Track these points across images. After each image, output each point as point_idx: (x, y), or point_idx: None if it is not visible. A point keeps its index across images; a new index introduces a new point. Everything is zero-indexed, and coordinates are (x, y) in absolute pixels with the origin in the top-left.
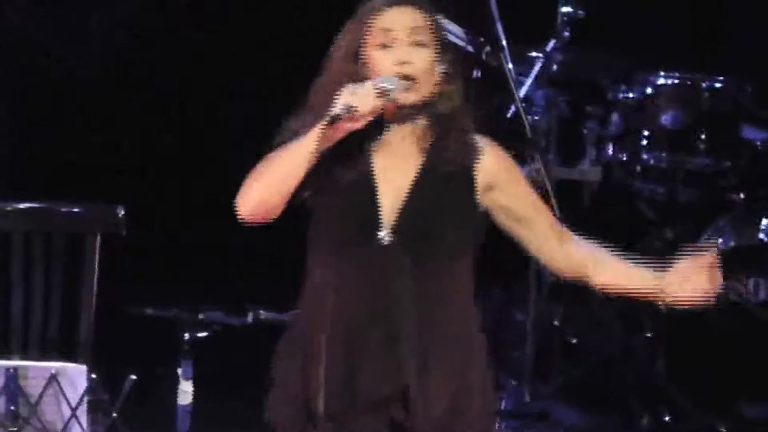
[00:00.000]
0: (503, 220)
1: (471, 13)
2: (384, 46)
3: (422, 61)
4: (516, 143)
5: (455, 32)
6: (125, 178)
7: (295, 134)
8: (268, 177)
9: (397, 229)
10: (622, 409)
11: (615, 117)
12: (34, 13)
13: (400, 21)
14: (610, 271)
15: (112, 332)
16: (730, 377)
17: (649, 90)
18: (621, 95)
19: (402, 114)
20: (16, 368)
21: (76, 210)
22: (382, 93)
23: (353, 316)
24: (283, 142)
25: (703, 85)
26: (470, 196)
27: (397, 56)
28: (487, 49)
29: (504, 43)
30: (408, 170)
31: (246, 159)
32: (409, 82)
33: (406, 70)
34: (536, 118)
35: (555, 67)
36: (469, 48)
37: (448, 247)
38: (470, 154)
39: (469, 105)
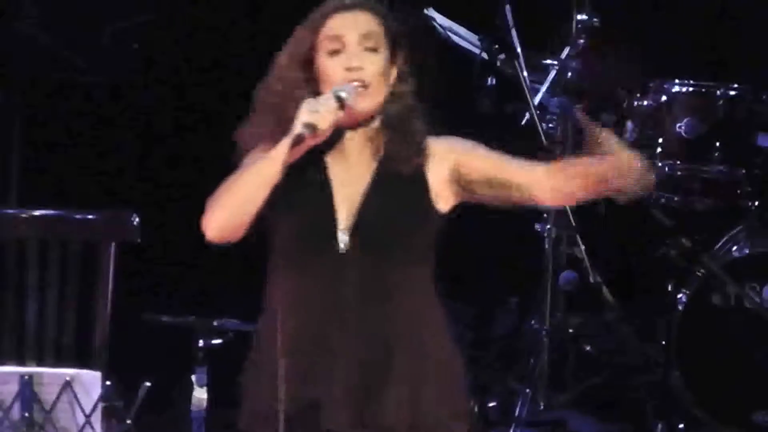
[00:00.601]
0: (488, 193)
1: (486, 21)
2: (335, 53)
3: (374, 66)
4: (531, 150)
5: (471, 40)
6: (141, 185)
7: (249, 144)
8: (234, 199)
9: (353, 235)
10: (638, 417)
11: (630, 125)
12: (46, 23)
13: (350, 26)
14: (585, 160)
15: (127, 339)
16: (744, 385)
17: (664, 98)
18: (636, 103)
19: (355, 119)
20: (30, 375)
21: (91, 217)
22: (339, 102)
23: (312, 326)
24: (244, 151)
25: (718, 92)
26: (424, 197)
27: (349, 62)
28: (502, 56)
29: (519, 50)
30: (362, 175)
31: None
32: (362, 89)
33: (359, 75)
34: (551, 125)
35: (570, 74)
36: (484, 55)
37: (405, 252)
38: (421, 155)
39: (421, 105)
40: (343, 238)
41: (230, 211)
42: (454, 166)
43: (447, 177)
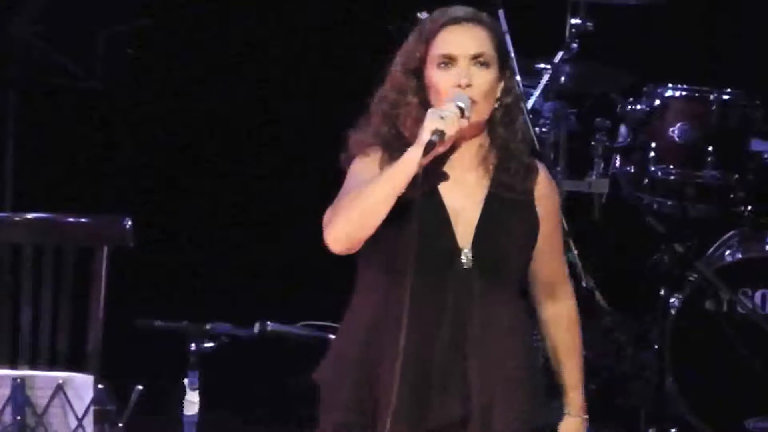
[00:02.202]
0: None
1: None
2: (446, 65)
3: (483, 81)
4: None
5: None
6: (134, 191)
7: (358, 150)
8: (359, 211)
9: (474, 254)
10: (631, 423)
11: (623, 129)
12: (41, 29)
13: (462, 43)
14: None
15: (120, 343)
16: (737, 391)
17: (657, 102)
18: (629, 108)
19: (464, 133)
20: (23, 378)
21: (84, 221)
22: (461, 111)
23: (424, 340)
24: (352, 156)
25: (712, 98)
26: (533, 220)
27: (458, 78)
28: None
29: (512, 54)
30: (473, 194)
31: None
32: (471, 104)
33: (468, 92)
34: (544, 130)
35: (563, 79)
36: None
37: (516, 274)
38: (529, 177)
39: (522, 124)
40: (465, 256)
41: (357, 223)
42: (541, 209)
43: (541, 212)
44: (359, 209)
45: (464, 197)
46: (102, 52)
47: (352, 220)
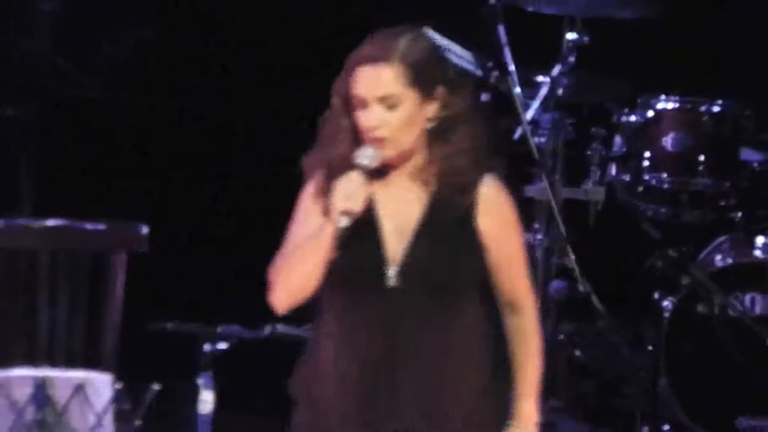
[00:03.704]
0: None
1: (480, 39)
2: (360, 107)
3: (393, 122)
4: (524, 164)
5: (466, 57)
6: (148, 197)
7: (308, 173)
8: (296, 279)
9: (403, 271)
10: (626, 422)
11: (618, 139)
12: (60, 38)
13: (369, 86)
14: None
15: (136, 345)
16: (728, 391)
17: (651, 113)
18: (624, 118)
19: (392, 164)
20: (44, 378)
21: (101, 228)
22: (365, 170)
23: (361, 359)
24: (309, 178)
25: (703, 108)
26: (473, 240)
27: (369, 120)
28: (496, 73)
29: (512, 68)
30: (410, 212)
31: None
32: (383, 143)
33: (377, 134)
34: (543, 140)
35: (561, 91)
36: (479, 72)
37: (452, 289)
38: (469, 200)
39: (479, 140)
40: (392, 273)
41: (294, 291)
42: (487, 227)
43: (486, 229)
44: (295, 280)
45: (400, 215)
46: (113, 64)
47: (292, 288)
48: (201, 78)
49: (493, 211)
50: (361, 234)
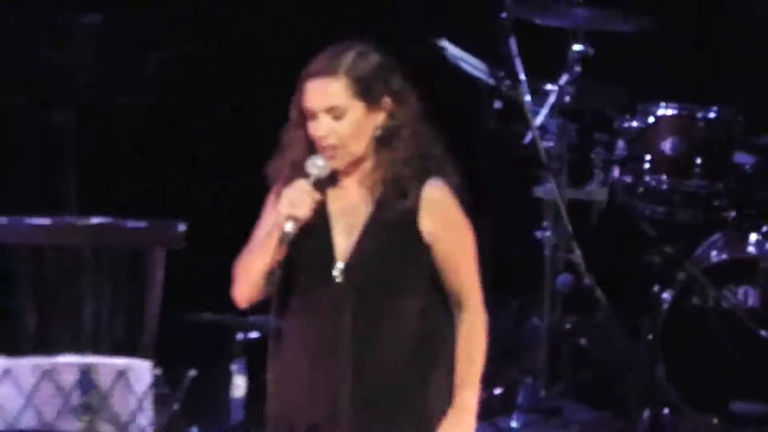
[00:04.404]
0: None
1: (494, 51)
2: (311, 118)
3: (341, 130)
4: (532, 166)
5: (479, 67)
6: (185, 196)
7: (272, 179)
8: (248, 280)
9: (348, 268)
10: (626, 405)
11: (620, 143)
12: (100, 46)
13: (317, 98)
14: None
15: (174, 334)
16: (722, 377)
17: (650, 119)
18: (625, 124)
19: (342, 171)
20: (88, 365)
21: (141, 226)
22: (314, 178)
23: (309, 351)
24: (273, 184)
25: (699, 115)
26: (414, 240)
27: (319, 130)
28: (507, 82)
29: (522, 77)
30: (359, 213)
31: None
32: (334, 151)
33: (327, 142)
34: (550, 144)
35: (567, 98)
36: (492, 81)
37: (395, 285)
38: (410, 204)
39: (424, 147)
40: (338, 270)
41: (250, 287)
42: (432, 229)
43: (426, 226)
44: (250, 277)
45: (350, 218)
46: (153, 72)
47: (248, 285)
48: (231, 85)
49: (436, 212)
50: (313, 232)
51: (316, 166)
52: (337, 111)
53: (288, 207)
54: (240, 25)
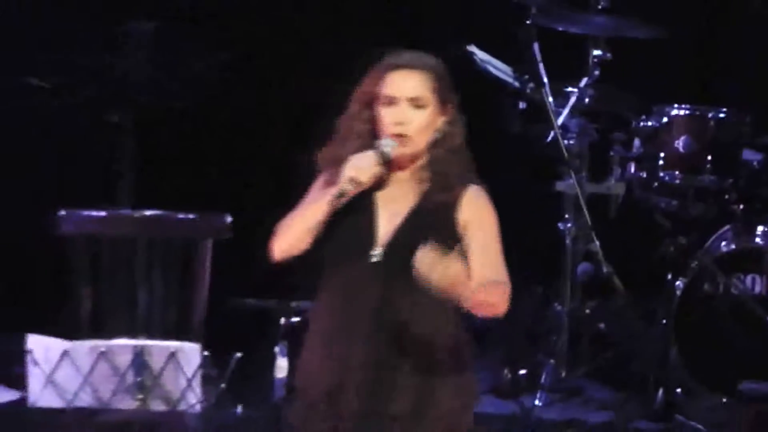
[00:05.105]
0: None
1: (519, 56)
2: (388, 105)
3: (418, 120)
4: (555, 163)
5: (505, 71)
6: (231, 190)
7: (321, 166)
8: (293, 233)
9: (388, 250)
10: (642, 385)
11: (636, 142)
12: (153, 54)
13: (402, 87)
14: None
15: (221, 318)
16: (731, 359)
17: (664, 120)
18: (641, 124)
19: (401, 162)
20: (142, 347)
21: (191, 218)
22: (381, 155)
23: (344, 323)
24: (322, 170)
25: (710, 115)
26: (450, 229)
27: (397, 117)
28: (531, 85)
29: (545, 80)
30: (403, 203)
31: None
32: (404, 139)
33: (403, 130)
34: (571, 142)
35: (587, 100)
36: (516, 84)
37: None
38: (452, 198)
39: (462, 149)
40: (378, 250)
41: (290, 242)
42: (465, 225)
43: (464, 223)
44: (292, 233)
45: (396, 206)
46: (199, 77)
47: (288, 239)
48: (273, 89)
49: (473, 207)
50: (358, 213)
51: (387, 145)
52: (419, 101)
53: (352, 170)
54: (282, 31)
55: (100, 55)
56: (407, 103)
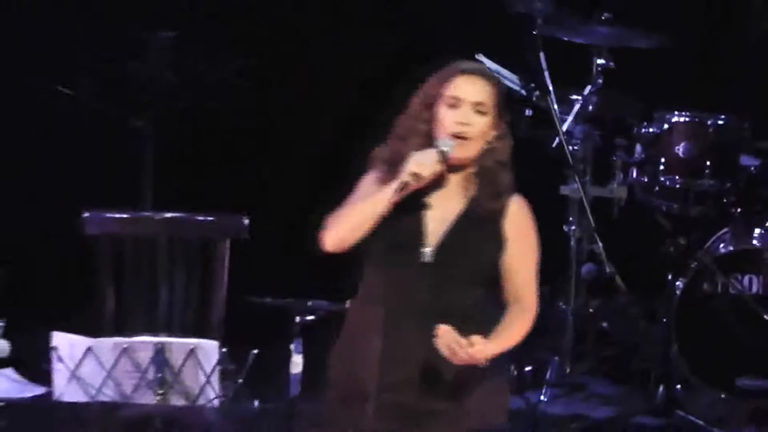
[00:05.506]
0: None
1: (525, 65)
2: (452, 107)
3: (480, 125)
4: (560, 168)
5: (512, 79)
6: (249, 192)
7: (373, 164)
8: (348, 225)
9: (438, 251)
10: (643, 381)
11: (638, 147)
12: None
13: (469, 90)
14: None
15: (239, 316)
16: (729, 356)
17: (665, 126)
18: (643, 130)
19: (455, 164)
20: (163, 343)
21: (209, 219)
22: (441, 154)
23: (390, 317)
24: (369, 168)
25: (709, 122)
26: (496, 239)
27: (460, 118)
28: (537, 92)
29: (550, 88)
30: (453, 207)
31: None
32: (464, 141)
33: (465, 130)
34: (576, 148)
35: (591, 107)
36: (523, 92)
37: (471, 272)
38: (500, 207)
39: (509, 163)
40: (428, 251)
41: (345, 234)
42: (508, 236)
43: (508, 233)
44: (349, 223)
45: (445, 208)
46: (221, 79)
47: (343, 230)
48: (295, 94)
49: (517, 220)
50: (409, 214)
51: (446, 144)
52: (482, 107)
53: (415, 165)
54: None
55: (124, 63)
56: (470, 107)
